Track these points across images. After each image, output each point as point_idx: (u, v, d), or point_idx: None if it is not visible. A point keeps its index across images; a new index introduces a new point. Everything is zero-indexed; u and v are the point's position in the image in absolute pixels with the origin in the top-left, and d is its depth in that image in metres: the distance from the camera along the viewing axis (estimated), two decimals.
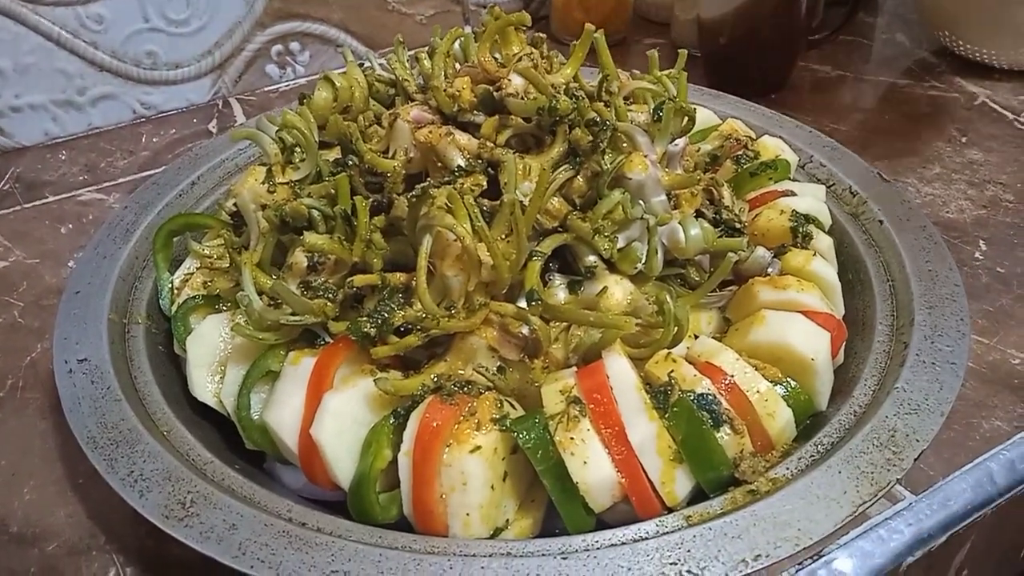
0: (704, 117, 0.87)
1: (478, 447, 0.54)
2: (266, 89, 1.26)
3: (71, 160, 1.11)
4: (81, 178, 1.08)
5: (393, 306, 0.59)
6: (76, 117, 1.15)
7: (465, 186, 0.60)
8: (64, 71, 1.11)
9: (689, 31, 1.26)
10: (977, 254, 0.87)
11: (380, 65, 0.85)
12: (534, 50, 0.70)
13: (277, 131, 0.73)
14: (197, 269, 0.72)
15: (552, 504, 0.57)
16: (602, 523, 0.57)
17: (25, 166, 1.10)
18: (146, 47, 1.14)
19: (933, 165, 1.02)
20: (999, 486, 0.65)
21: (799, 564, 0.56)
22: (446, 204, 0.56)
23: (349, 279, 0.60)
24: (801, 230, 0.71)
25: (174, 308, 0.70)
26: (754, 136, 0.83)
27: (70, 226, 0.99)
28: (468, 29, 1.28)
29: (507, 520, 0.57)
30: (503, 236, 0.59)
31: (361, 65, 0.81)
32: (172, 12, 1.13)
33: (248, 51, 1.22)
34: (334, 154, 0.75)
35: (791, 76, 1.19)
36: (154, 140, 1.15)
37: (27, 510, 0.65)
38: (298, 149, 0.71)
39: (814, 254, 0.69)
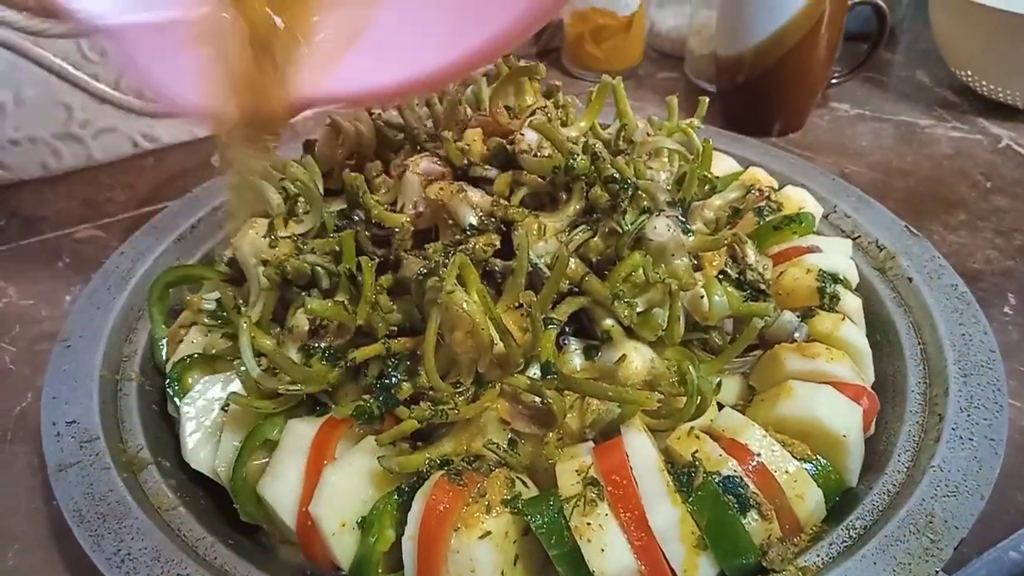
0: (726, 165, 0.84)
1: (488, 532, 0.51)
2: None
3: (69, 195, 1.08)
4: (79, 213, 1.05)
5: (398, 376, 0.56)
6: (76, 150, 1.12)
7: (477, 246, 0.57)
8: (65, 104, 1.08)
9: (703, 65, 1.24)
10: (1006, 308, 0.84)
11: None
12: (548, 102, 0.67)
13: (280, 179, 0.70)
14: (194, 324, 0.69)
15: None
16: None
17: (22, 201, 1.07)
18: None
19: (957, 211, 0.98)
20: None
21: None
22: (457, 277, 0.53)
23: (351, 355, 0.57)
24: (828, 290, 0.67)
25: (169, 366, 0.67)
26: (776, 186, 0.80)
27: (67, 261, 0.96)
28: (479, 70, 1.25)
29: None
30: (515, 305, 0.55)
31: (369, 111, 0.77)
32: None
33: None
34: (339, 202, 0.71)
35: (809, 116, 1.16)
36: (155, 174, 1.12)
37: None
38: (302, 200, 0.68)
39: (843, 318, 0.65)
